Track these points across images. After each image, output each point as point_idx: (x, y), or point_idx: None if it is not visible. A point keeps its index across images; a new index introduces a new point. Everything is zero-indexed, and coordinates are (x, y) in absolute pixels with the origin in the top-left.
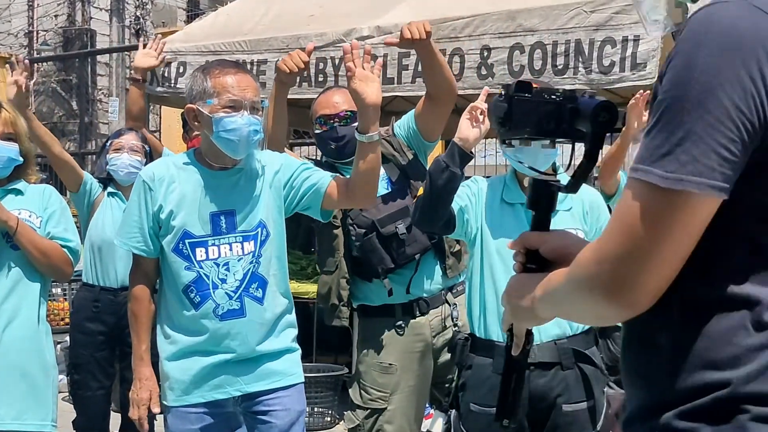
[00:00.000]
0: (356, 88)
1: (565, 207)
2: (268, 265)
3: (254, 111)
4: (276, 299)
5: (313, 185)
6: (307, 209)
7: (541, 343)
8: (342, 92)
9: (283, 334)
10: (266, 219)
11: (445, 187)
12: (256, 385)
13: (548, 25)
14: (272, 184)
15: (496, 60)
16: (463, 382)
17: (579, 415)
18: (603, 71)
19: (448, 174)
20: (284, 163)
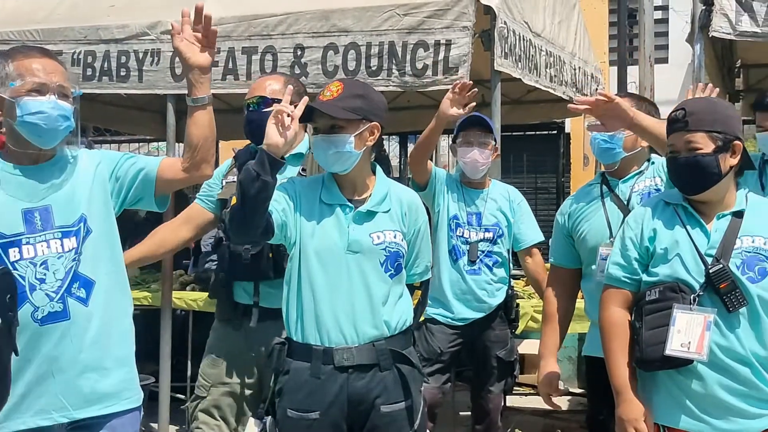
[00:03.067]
0: (179, 47)
1: (384, 209)
2: (94, 263)
3: (63, 97)
4: (108, 303)
5: (140, 170)
6: (140, 200)
7: (359, 346)
8: (267, 78)
9: (116, 345)
10: (88, 214)
11: (257, 197)
12: (86, 410)
13: (362, 27)
14: (94, 177)
15: (309, 59)
16: (280, 388)
17: (397, 415)
18: (416, 74)
19: (260, 183)
20: (105, 155)
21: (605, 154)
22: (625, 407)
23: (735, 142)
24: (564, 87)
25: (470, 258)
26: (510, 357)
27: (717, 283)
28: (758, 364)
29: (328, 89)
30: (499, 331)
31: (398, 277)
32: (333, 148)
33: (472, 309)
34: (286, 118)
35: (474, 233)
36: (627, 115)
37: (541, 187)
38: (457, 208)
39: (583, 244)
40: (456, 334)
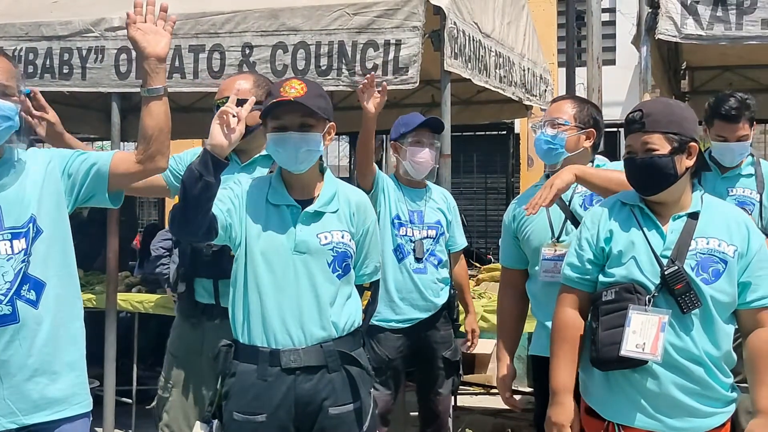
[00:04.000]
0: (135, 36)
1: (332, 209)
2: (44, 264)
3: (4, 96)
4: (59, 305)
5: (92, 165)
6: (92, 197)
7: (307, 347)
8: (237, 77)
9: (66, 349)
10: (38, 214)
11: (200, 197)
12: (36, 416)
13: (311, 26)
14: (45, 176)
15: (258, 58)
16: (226, 391)
17: (345, 417)
18: (366, 74)
19: (202, 184)
20: (56, 153)
21: (548, 154)
22: (556, 409)
23: (691, 143)
24: (513, 88)
25: (417, 255)
26: (455, 357)
27: (672, 284)
28: (711, 364)
29: (291, 86)
30: (443, 331)
31: (346, 278)
32: (305, 146)
33: (419, 309)
34: (231, 119)
35: (417, 231)
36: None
37: (491, 187)
38: (399, 207)
39: (527, 245)
40: (402, 338)
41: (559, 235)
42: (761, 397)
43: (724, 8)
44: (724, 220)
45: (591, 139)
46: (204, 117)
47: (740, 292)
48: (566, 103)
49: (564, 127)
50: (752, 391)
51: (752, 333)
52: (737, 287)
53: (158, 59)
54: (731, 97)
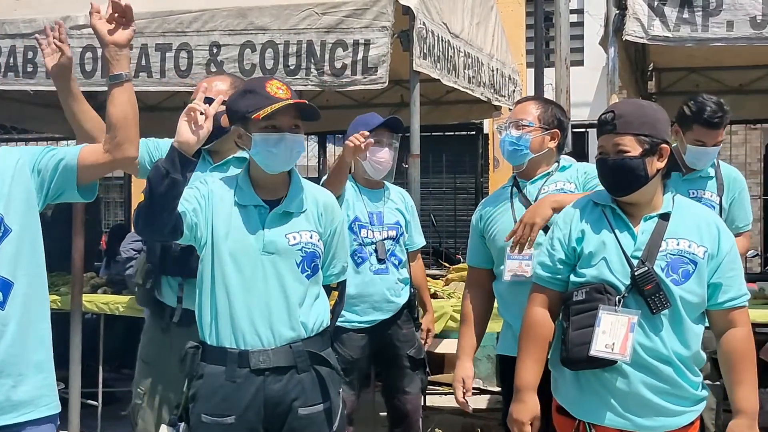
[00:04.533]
0: (96, 25)
1: (300, 209)
2: (12, 264)
3: None
4: (27, 306)
5: (60, 160)
6: (63, 193)
7: (276, 347)
8: (213, 78)
9: (34, 350)
10: (6, 212)
11: (166, 195)
12: (1, 418)
13: (280, 25)
14: (14, 174)
15: (226, 57)
16: (194, 393)
17: (315, 418)
18: (335, 73)
19: (169, 181)
20: (25, 150)
21: (513, 155)
22: (518, 407)
23: (662, 145)
24: (482, 88)
25: (379, 257)
26: (420, 354)
27: (641, 285)
28: (680, 364)
29: (278, 87)
30: (406, 330)
31: (315, 278)
32: (297, 147)
33: (381, 310)
34: (199, 116)
35: (378, 232)
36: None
37: (459, 188)
38: (358, 209)
39: (493, 244)
40: (365, 338)
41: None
42: (740, 398)
43: (691, 10)
44: (694, 221)
45: (556, 139)
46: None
47: (712, 293)
48: (530, 105)
49: (528, 128)
50: (730, 391)
51: (726, 333)
52: (708, 288)
53: (118, 46)
54: (712, 102)
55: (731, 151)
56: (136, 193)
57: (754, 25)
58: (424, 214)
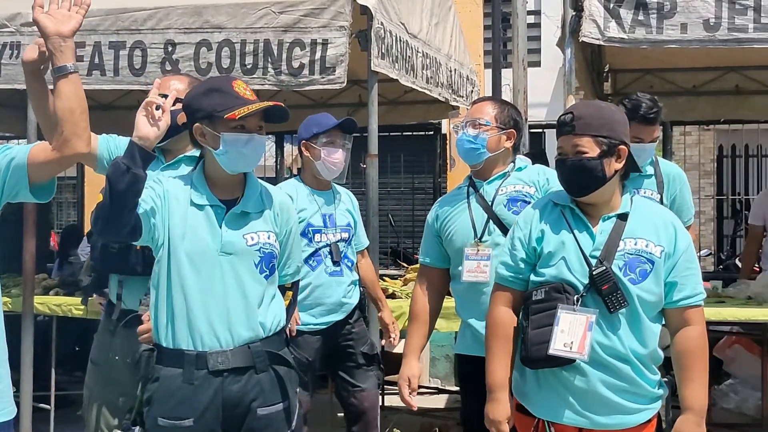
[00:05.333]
0: (38, 19)
1: (257, 209)
2: None
3: None
4: None
5: (11, 159)
6: (18, 193)
7: (234, 348)
8: (171, 77)
9: None
10: None
11: (127, 192)
12: None
13: (236, 23)
14: None
15: (181, 56)
16: (149, 396)
17: (274, 417)
18: (292, 73)
19: (130, 177)
20: None
21: (470, 154)
22: (493, 406)
23: (620, 146)
24: (440, 89)
25: (334, 259)
26: (373, 350)
27: (599, 284)
28: (638, 362)
29: (245, 88)
30: (358, 328)
31: (272, 278)
32: (263, 148)
33: (336, 312)
34: (155, 110)
35: (332, 234)
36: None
37: (418, 188)
38: (310, 213)
39: (450, 244)
40: (319, 339)
41: (482, 235)
42: (689, 395)
43: (646, 12)
44: (651, 221)
45: (512, 139)
46: (126, 115)
47: (667, 292)
48: (487, 105)
49: (485, 127)
50: (681, 388)
51: (680, 331)
52: (664, 287)
53: (61, 36)
54: (647, 99)
55: (685, 151)
56: (90, 193)
57: (707, 27)
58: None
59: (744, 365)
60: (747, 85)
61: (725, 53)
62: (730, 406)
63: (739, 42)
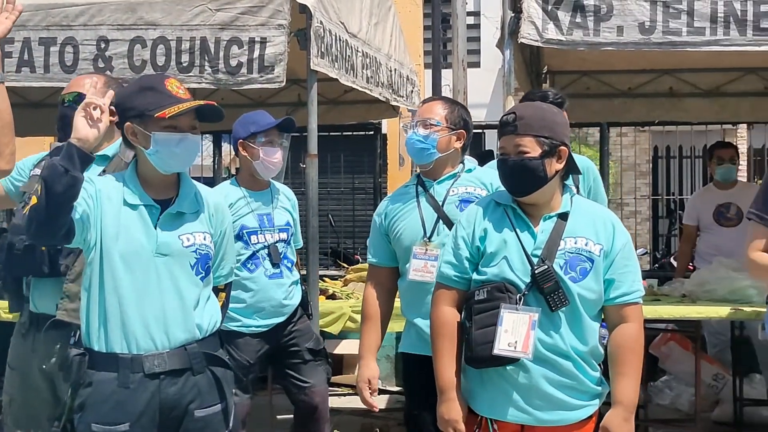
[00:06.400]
0: None
1: (192, 210)
2: None
3: None
4: None
5: None
6: None
7: (171, 350)
8: (86, 76)
9: None
10: None
11: (65, 194)
12: None
13: (171, 21)
14: None
15: (115, 53)
16: (81, 402)
17: (212, 419)
18: (230, 71)
19: (69, 179)
20: None
21: (420, 154)
22: (446, 407)
23: (561, 147)
24: (380, 88)
25: (273, 260)
26: (319, 345)
27: (541, 283)
28: (579, 359)
29: (178, 87)
30: (301, 325)
31: (207, 280)
32: (196, 148)
33: (278, 315)
34: (94, 111)
35: (270, 235)
36: None
37: (358, 188)
38: (244, 215)
39: (399, 243)
40: (261, 341)
41: (431, 234)
42: (620, 390)
43: (583, 15)
44: (591, 220)
45: (461, 140)
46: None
47: (606, 289)
48: (437, 104)
49: (436, 127)
50: (612, 382)
51: (617, 328)
52: (603, 284)
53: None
54: (551, 92)
55: (622, 152)
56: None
57: (643, 30)
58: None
59: (678, 362)
60: (681, 88)
61: (660, 56)
62: (665, 402)
63: (673, 45)
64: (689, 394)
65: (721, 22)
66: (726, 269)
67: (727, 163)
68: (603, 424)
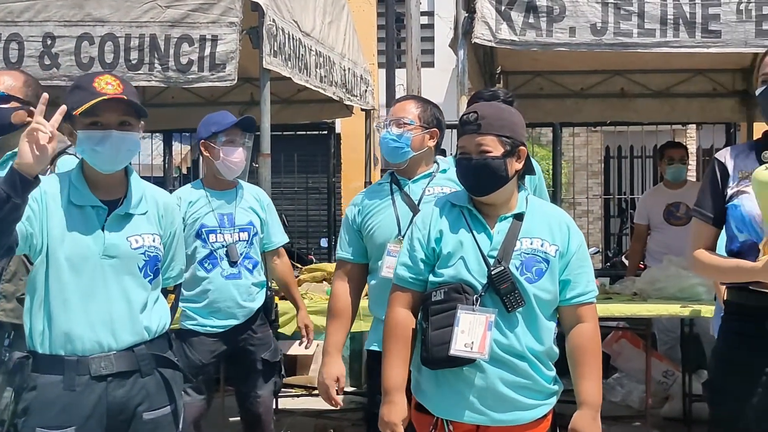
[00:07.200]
0: None
1: (141, 211)
2: None
3: None
4: None
5: None
6: None
7: (118, 352)
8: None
9: None
10: None
11: (6, 219)
12: None
13: (120, 17)
14: None
15: (61, 50)
16: (25, 406)
17: (161, 421)
18: (181, 69)
19: (11, 206)
20: None
21: (394, 153)
22: (388, 409)
23: (521, 147)
24: (334, 87)
25: (231, 260)
26: (275, 357)
27: (498, 284)
28: (535, 359)
29: (107, 82)
30: (261, 333)
31: (156, 281)
32: (127, 145)
33: (234, 317)
34: (41, 135)
35: (229, 235)
36: None
37: (312, 187)
38: (204, 214)
39: (371, 239)
40: (217, 342)
41: (405, 232)
42: (584, 391)
43: (536, 15)
44: (546, 221)
45: (435, 138)
46: None
47: (561, 290)
48: (410, 103)
49: (409, 126)
50: (576, 384)
51: (574, 328)
52: (559, 285)
53: None
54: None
55: (574, 152)
56: None
57: (594, 31)
58: None
59: (629, 359)
60: (631, 88)
61: (611, 57)
62: (617, 399)
63: (624, 46)
64: (640, 390)
65: (671, 24)
66: (676, 267)
67: (678, 163)
68: (572, 426)
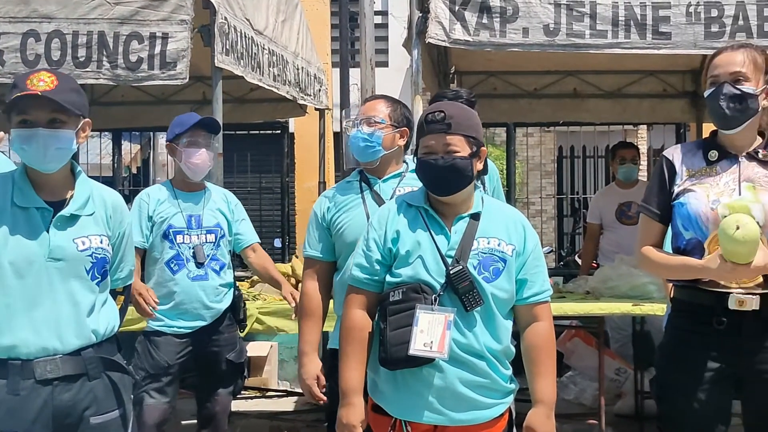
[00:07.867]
0: None
1: (88, 212)
2: None
3: None
4: None
5: None
6: None
7: (64, 356)
8: None
9: None
10: None
11: None
12: None
13: (67, 14)
14: None
15: (6, 46)
16: None
17: (109, 425)
18: (130, 67)
19: None
20: None
21: (365, 152)
22: (346, 411)
23: (483, 148)
24: (288, 86)
25: (198, 261)
26: (240, 358)
27: (456, 283)
28: (492, 358)
29: (40, 79)
30: (228, 333)
31: (104, 283)
32: (55, 143)
33: (201, 318)
34: None
35: (196, 236)
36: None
37: (265, 187)
38: (172, 215)
39: (340, 237)
40: (184, 343)
41: None
42: (539, 389)
43: (489, 16)
44: (503, 221)
45: (405, 137)
46: None
47: (518, 289)
48: (380, 103)
49: (380, 125)
50: (531, 382)
51: (529, 327)
52: (515, 284)
53: None
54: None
55: (527, 152)
56: None
57: (547, 32)
58: None
59: (582, 357)
60: (584, 89)
61: (564, 58)
62: (570, 397)
63: (577, 47)
64: (593, 388)
65: (622, 25)
66: (627, 266)
67: (629, 163)
68: (527, 424)
